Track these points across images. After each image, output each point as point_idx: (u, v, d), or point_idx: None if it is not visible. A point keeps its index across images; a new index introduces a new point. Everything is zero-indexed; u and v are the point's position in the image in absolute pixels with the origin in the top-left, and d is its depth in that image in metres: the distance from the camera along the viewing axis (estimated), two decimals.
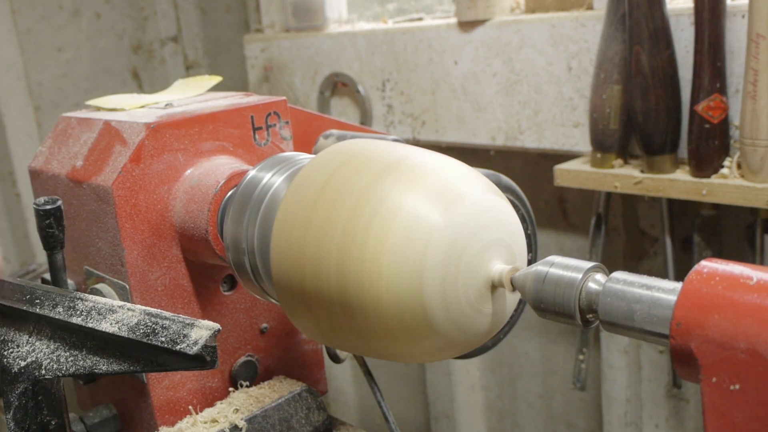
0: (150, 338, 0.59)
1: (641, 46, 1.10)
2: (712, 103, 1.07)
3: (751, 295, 0.43)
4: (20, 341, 0.66)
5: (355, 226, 0.56)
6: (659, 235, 1.34)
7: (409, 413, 1.97)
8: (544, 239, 1.54)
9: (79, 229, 0.80)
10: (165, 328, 0.59)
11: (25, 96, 1.87)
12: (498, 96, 1.39)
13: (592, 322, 0.53)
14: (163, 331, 0.59)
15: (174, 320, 0.59)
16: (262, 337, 0.85)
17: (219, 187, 0.74)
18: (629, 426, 1.46)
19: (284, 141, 0.84)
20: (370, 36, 1.59)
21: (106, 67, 2.05)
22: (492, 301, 0.57)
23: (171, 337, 0.58)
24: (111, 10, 2.04)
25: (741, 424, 0.42)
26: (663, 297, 0.48)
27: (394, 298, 0.54)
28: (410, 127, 1.56)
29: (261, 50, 1.85)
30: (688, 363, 0.45)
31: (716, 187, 1.08)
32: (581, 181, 1.23)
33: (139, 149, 0.74)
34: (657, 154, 1.14)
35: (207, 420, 0.75)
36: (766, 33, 0.98)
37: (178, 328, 0.58)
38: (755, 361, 0.42)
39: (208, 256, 0.77)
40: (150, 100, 0.89)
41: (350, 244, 0.56)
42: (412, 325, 0.55)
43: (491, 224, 0.56)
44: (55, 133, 0.87)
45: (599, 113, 1.19)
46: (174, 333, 0.58)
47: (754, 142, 1.03)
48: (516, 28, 1.34)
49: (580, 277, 0.52)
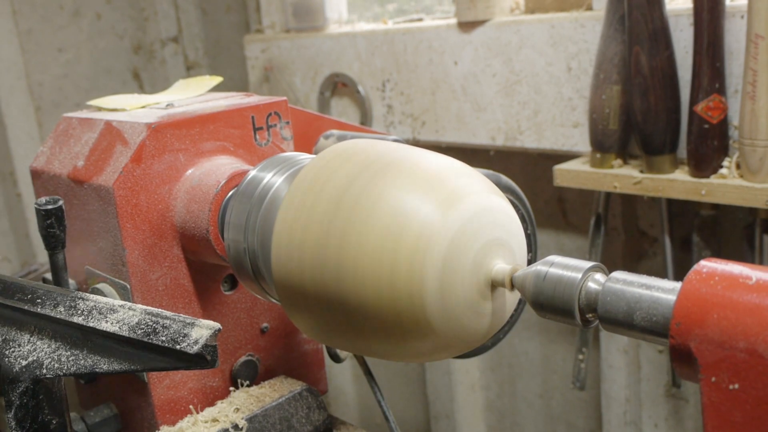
0: (151, 337, 0.59)
1: (641, 47, 1.10)
2: (711, 104, 1.07)
3: (750, 295, 0.43)
4: (21, 340, 0.66)
5: (354, 226, 0.56)
6: (658, 234, 1.34)
7: (409, 412, 1.97)
8: (543, 239, 1.54)
9: (80, 229, 0.80)
10: (166, 328, 0.59)
11: (26, 96, 1.87)
12: (498, 96, 1.39)
13: (592, 322, 0.53)
14: (163, 330, 0.59)
15: (175, 320, 0.59)
16: (262, 336, 0.85)
17: (220, 187, 0.74)
18: (628, 425, 1.46)
19: (285, 141, 0.84)
20: (370, 36, 1.59)
21: (107, 68, 2.05)
22: (492, 300, 0.57)
23: (172, 337, 0.58)
24: (112, 11, 2.04)
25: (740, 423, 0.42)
26: (662, 297, 0.48)
27: (393, 297, 0.54)
28: (410, 127, 1.56)
29: (261, 51, 1.85)
30: (687, 362, 0.45)
31: (715, 187, 1.08)
32: (581, 181, 1.23)
33: (140, 149, 0.74)
34: (656, 155, 1.14)
35: (208, 419, 0.75)
36: (764, 33, 0.98)
37: (178, 327, 0.58)
38: (754, 360, 0.42)
39: (209, 256, 0.77)
40: (151, 101, 0.89)
41: (348, 244, 0.56)
42: (411, 325, 0.55)
43: (491, 224, 0.56)
44: (56, 134, 0.87)
45: (599, 113, 1.19)
46: (175, 332, 0.58)
47: (753, 143, 1.03)
48: (516, 29, 1.34)
49: (580, 276, 0.52)
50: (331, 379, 2.00)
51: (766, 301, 0.42)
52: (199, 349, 0.56)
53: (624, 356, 1.42)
